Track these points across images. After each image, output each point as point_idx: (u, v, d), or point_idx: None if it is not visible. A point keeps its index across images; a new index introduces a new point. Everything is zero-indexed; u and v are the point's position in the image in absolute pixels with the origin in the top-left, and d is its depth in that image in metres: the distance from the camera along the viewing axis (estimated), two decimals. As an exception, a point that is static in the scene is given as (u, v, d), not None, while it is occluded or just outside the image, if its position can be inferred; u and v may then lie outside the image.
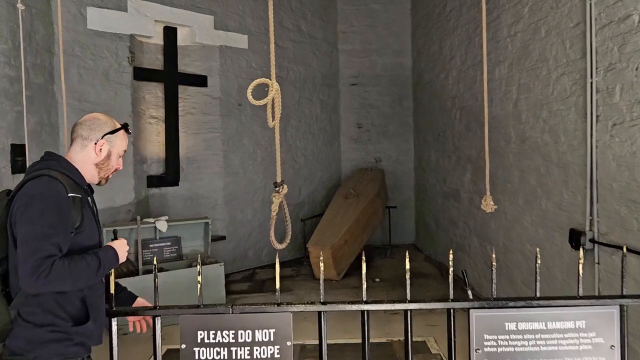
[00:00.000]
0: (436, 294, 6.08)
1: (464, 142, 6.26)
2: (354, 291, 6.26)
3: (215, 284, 5.53)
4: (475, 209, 5.90)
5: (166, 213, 7.03)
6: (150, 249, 5.67)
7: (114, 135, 2.11)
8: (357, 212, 7.15)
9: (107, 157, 2.11)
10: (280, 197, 3.03)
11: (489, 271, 5.60)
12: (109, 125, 2.11)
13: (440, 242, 7.36)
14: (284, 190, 3.05)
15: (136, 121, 6.51)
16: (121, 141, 2.16)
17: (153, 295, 2.20)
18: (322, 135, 8.67)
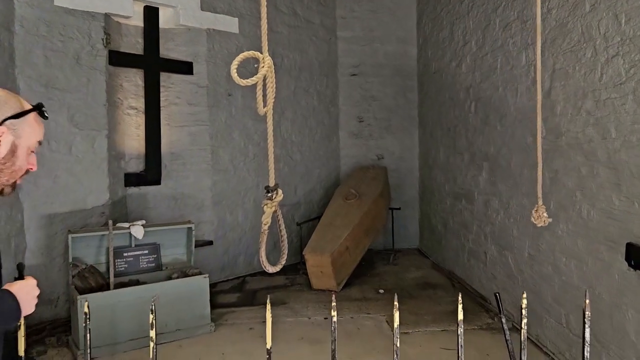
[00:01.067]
0: (447, 308, 5.42)
1: (480, 137, 5.58)
2: (356, 304, 5.58)
3: (198, 299, 4.84)
4: (494, 213, 5.23)
5: (147, 215, 6.32)
6: (125, 259, 4.96)
7: (20, 120, 1.40)
8: (359, 215, 6.47)
9: (11, 153, 1.39)
10: (273, 205, 2.35)
11: (510, 283, 4.95)
12: (12, 106, 1.39)
13: (450, 247, 6.69)
14: (278, 197, 2.35)
15: (112, 112, 5.79)
16: (32, 129, 1.44)
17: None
18: (319, 129, 7.97)
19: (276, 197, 2.35)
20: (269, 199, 2.35)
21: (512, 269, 4.85)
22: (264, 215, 2.34)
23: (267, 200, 2.34)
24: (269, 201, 2.34)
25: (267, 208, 2.34)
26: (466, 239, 6.08)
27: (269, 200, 2.34)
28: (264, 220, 2.33)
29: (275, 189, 2.37)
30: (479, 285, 5.69)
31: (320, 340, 4.61)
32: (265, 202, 2.35)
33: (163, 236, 5.21)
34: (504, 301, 5.06)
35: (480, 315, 5.14)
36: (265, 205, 2.35)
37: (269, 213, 2.34)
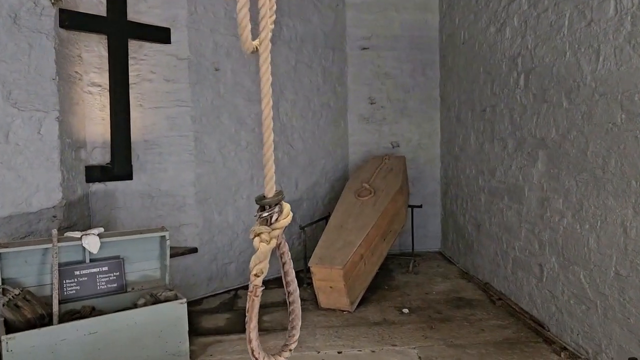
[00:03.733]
0: (494, 336, 4.25)
1: (534, 119, 4.39)
2: (377, 331, 4.41)
3: (173, 332, 3.66)
4: (556, 215, 4.06)
5: (115, 217, 5.13)
6: (76, 279, 3.77)
7: None
8: (376, 215, 5.28)
9: None
10: (273, 235, 1.16)
11: (582, 308, 3.79)
12: None
13: (485, 254, 5.52)
14: (283, 219, 1.17)
15: (67, 88, 4.57)
16: None
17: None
18: (324, 112, 6.76)
19: (280, 219, 1.18)
20: (265, 221, 1.18)
21: (585, 290, 3.68)
22: (254, 258, 1.16)
23: (262, 225, 1.16)
24: (266, 228, 1.16)
25: (263, 242, 1.15)
26: (510, 245, 4.91)
27: (264, 225, 1.17)
28: (255, 271, 1.15)
29: (277, 203, 1.18)
30: (530, 305, 4.53)
31: (335, 389, 3.44)
32: (258, 230, 1.15)
33: (128, 248, 4.02)
34: (567, 329, 3.91)
35: (540, 349, 3.97)
36: (259, 236, 1.15)
37: (265, 252, 1.15)
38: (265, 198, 1.18)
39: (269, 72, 1.14)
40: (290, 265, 1.26)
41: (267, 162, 1.17)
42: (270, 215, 1.15)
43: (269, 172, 1.18)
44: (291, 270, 1.26)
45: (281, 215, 1.16)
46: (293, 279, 1.27)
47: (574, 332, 3.85)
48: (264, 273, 1.16)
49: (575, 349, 3.82)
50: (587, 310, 3.68)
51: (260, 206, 1.19)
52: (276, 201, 1.16)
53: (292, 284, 1.26)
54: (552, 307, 4.17)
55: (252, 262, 1.13)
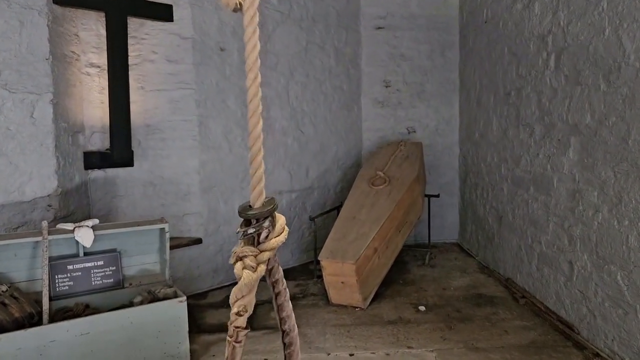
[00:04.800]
0: (519, 338, 3.94)
1: (565, 103, 4.02)
2: (392, 331, 4.11)
3: (172, 332, 3.39)
4: (590, 209, 3.70)
5: (117, 205, 4.87)
6: (69, 273, 3.52)
7: None
8: (391, 206, 4.96)
9: None
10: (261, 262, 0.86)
11: (619, 312, 3.45)
12: None
13: (507, 248, 5.18)
14: (275, 239, 0.86)
15: (63, 70, 4.29)
16: None
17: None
18: (337, 96, 6.41)
19: (271, 238, 0.87)
20: (251, 240, 0.87)
21: (622, 292, 3.34)
22: (235, 291, 0.85)
23: (247, 245, 0.85)
24: (252, 249, 0.85)
25: (247, 269, 0.83)
26: (536, 239, 4.56)
27: (250, 245, 0.86)
28: (237, 308, 0.84)
29: (267, 215, 0.87)
30: (557, 305, 4.20)
31: (346, 398, 3.16)
32: (241, 253, 0.84)
33: (126, 240, 3.76)
34: (600, 334, 3.58)
35: (571, 355, 3.65)
36: (242, 261, 0.84)
37: (250, 283, 0.84)
38: (252, 208, 0.88)
39: (256, 36, 0.83)
40: (285, 296, 0.96)
41: (254, 158, 0.87)
42: (257, 232, 0.84)
43: (257, 173, 0.88)
44: (287, 304, 0.96)
45: (273, 232, 0.85)
46: (290, 315, 0.97)
47: (608, 338, 3.52)
48: (249, 311, 0.86)
49: (609, 355, 3.50)
50: (624, 314, 3.34)
51: (245, 220, 0.88)
52: (266, 213, 0.86)
53: (289, 321, 0.96)
54: (583, 308, 3.83)
55: (232, 296, 0.83)
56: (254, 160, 0.88)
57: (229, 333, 0.88)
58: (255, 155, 0.88)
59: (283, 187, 5.83)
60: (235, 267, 0.81)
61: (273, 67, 5.63)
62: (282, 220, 0.89)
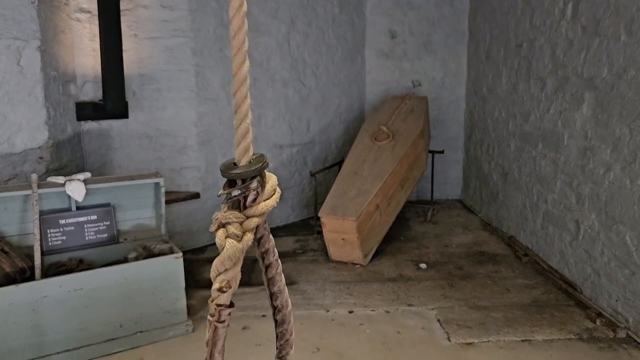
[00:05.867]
0: (521, 297, 3.88)
1: (581, 55, 3.81)
2: (392, 288, 4.05)
3: (168, 289, 3.32)
4: (601, 167, 3.56)
5: (112, 158, 4.74)
6: (62, 228, 3.42)
7: None
8: (394, 162, 4.82)
9: None
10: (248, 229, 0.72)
11: (625, 273, 3.36)
12: None
13: (511, 205, 5.07)
14: (266, 202, 0.73)
15: (51, 15, 4.05)
16: None
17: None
18: (340, 46, 6.16)
19: (259, 201, 0.73)
20: (236, 204, 0.73)
21: (630, 253, 3.25)
22: (217, 263, 0.71)
23: (231, 210, 0.72)
24: (237, 215, 0.72)
25: (231, 238, 0.70)
26: (542, 197, 4.44)
27: (234, 210, 0.73)
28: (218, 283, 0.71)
29: (255, 175, 0.74)
30: (561, 264, 4.12)
31: (345, 356, 3.12)
32: (224, 219, 0.70)
33: (120, 195, 3.64)
34: (604, 293, 3.51)
35: (573, 314, 3.59)
36: (224, 229, 0.70)
37: (233, 255, 0.69)
38: (237, 167, 0.75)
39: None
40: (277, 269, 0.83)
41: (239, 107, 0.72)
42: (244, 195, 0.71)
43: (243, 125, 0.73)
44: (279, 277, 0.84)
45: (262, 195, 0.72)
46: (282, 290, 0.84)
47: (612, 298, 3.45)
48: (234, 287, 0.73)
49: (612, 315, 3.44)
50: (630, 275, 3.25)
51: (228, 180, 0.75)
52: (254, 172, 0.72)
53: (281, 296, 0.84)
54: (587, 268, 3.75)
55: (213, 269, 0.70)
56: (238, 110, 0.74)
57: (210, 312, 0.76)
58: (240, 103, 0.73)
59: (283, 141, 5.67)
60: (217, 235, 0.68)
61: (273, 15, 5.36)
62: (273, 181, 0.76)
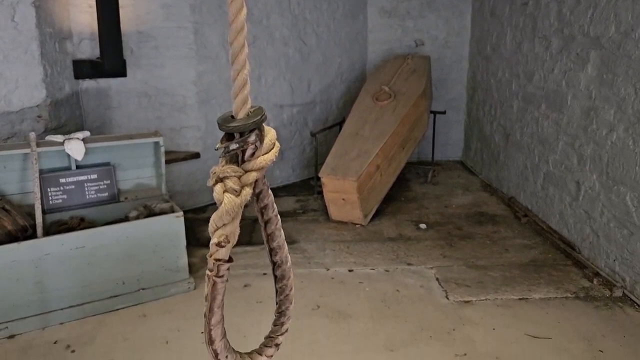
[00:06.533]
0: (519, 256, 3.92)
1: (588, 13, 3.72)
2: (391, 248, 4.09)
3: (169, 247, 3.35)
4: (604, 128, 3.54)
5: (111, 117, 4.71)
6: (62, 187, 3.42)
7: None
8: (395, 122, 4.78)
9: None
10: (246, 183, 0.71)
11: (624, 233, 3.38)
12: None
13: (512, 166, 5.06)
14: (264, 157, 0.72)
15: (43, -32, 3.94)
16: None
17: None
18: (342, 3, 6.02)
19: (258, 155, 0.72)
20: (234, 158, 0.72)
21: (630, 213, 3.26)
22: (215, 218, 0.71)
23: (229, 164, 0.71)
24: (235, 169, 0.70)
25: (229, 192, 0.68)
26: (543, 158, 4.43)
27: (232, 164, 0.71)
28: (217, 237, 0.70)
29: (253, 128, 0.72)
30: (560, 225, 4.14)
31: (345, 313, 3.17)
32: (222, 173, 0.69)
33: (120, 154, 3.62)
34: (602, 253, 3.54)
35: (570, 273, 3.64)
36: (222, 184, 0.69)
37: (232, 209, 0.68)
38: (234, 120, 0.73)
39: None
40: (276, 224, 0.83)
41: (237, 57, 0.70)
42: (241, 149, 0.70)
43: (240, 76, 0.71)
44: (278, 233, 0.83)
45: (260, 149, 0.70)
46: (281, 245, 0.84)
47: (610, 258, 3.49)
48: (232, 241, 0.73)
49: (609, 274, 3.48)
50: (629, 235, 3.27)
51: (226, 133, 0.73)
52: (252, 125, 0.71)
53: (280, 252, 0.84)
54: (586, 228, 3.77)
55: (211, 224, 0.70)
56: (235, 60, 0.72)
57: (208, 267, 0.76)
58: (237, 52, 0.71)
59: (284, 100, 5.61)
60: (215, 189, 0.67)
61: (273, -30, 5.22)
62: (272, 135, 0.74)
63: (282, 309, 0.88)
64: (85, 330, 3.02)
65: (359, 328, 3.01)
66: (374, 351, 2.77)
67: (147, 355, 2.76)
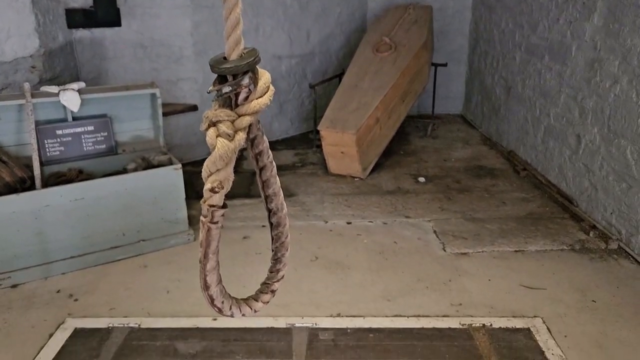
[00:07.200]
0: (516, 209, 3.94)
1: (596, -41, 3.59)
2: (390, 201, 4.11)
3: (169, 199, 3.36)
4: (607, 80, 3.48)
5: (106, 68, 4.63)
6: (59, 139, 3.40)
7: None
8: (396, 74, 4.71)
9: None
10: (240, 128, 0.70)
11: (619, 186, 3.39)
12: None
13: (513, 119, 5.02)
14: (258, 100, 0.70)
15: None
16: None
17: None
18: (341, -50, 5.81)
19: (252, 99, 0.70)
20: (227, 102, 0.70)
21: (630, 167, 3.25)
22: (208, 163, 0.70)
23: (221, 111, 0.69)
24: (228, 113, 0.68)
25: (222, 137, 0.67)
26: (544, 111, 4.38)
27: (225, 108, 0.69)
28: (210, 183, 0.69)
29: (247, 70, 0.69)
30: (559, 178, 4.14)
31: (343, 264, 3.22)
32: (215, 117, 0.67)
33: (116, 105, 3.58)
34: (600, 207, 3.56)
35: (567, 226, 3.67)
36: (215, 128, 0.68)
37: (225, 154, 0.67)
38: (227, 61, 0.70)
39: None
40: (272, 171, 0.82)
41: None
42: (235, 92, 0.67)
43: (233, 14, 0.68)
44: (274, 180, 0.82)
45: (254, 92, 0.68)
46: (277, 192, 0.83)
47: (607, 211, 3.51)
48: (226, 187, 0.72)
49: (606, 227, 3.51)
50: (628, 188, 3.28)
51: (218, 76, 0.71)
52: (245, 67, 0.68)
53: (276, 199, 0.83)
54: (585, 181, 3.78)
55: (205, 169, 0.69)
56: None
57: (202, 213, 0.75)
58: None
59: (282, 51, 5.50)
60: (208, 134, 0.65)
61: None
62: (266, 78, 0.72)
63: (278, 255, 0.88)
64: (87, 280, 3.06)
65: (356, 279, 3.06)
66: (371, 301, 2.83)
67: (149, 304, 2.82)
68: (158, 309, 2.77)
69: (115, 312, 2.75)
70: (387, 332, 2.56)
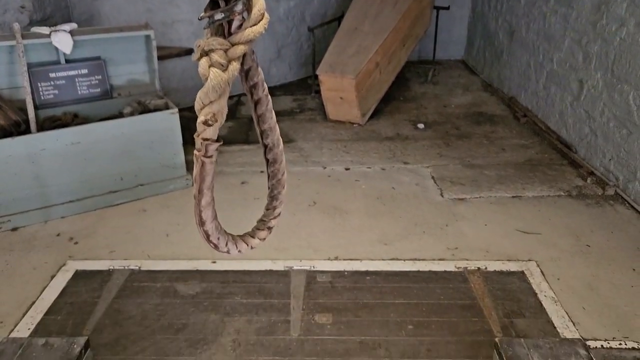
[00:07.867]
0: (515, 156, 3.93)
1: None
2: (388, 147, 4.09)
3: (166, 143, 3.34)
4: (613, 23, 3.39)
5: (99, 9, 4.49)
6: (52, 81, 3.33)
7: None
8: (396, 17, 4.58)
9: None
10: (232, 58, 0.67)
11: (623, 132, 3.36)
12: None
13: (515, 65, 4.93)
14: (252, 29, 0.67)
15: None
16: None
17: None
18: None
19: (245, 26, 0.67)
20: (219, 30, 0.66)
21: (631, 113, 3.21)
22: (201, 95, 0.68)
23: (213, 39, 0.66)
24: (221, 41, 0.66)
25: (215, 67, 0.65)
26: (547, 56, 4.29)
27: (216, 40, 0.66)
28: (204, 115, 0.68)
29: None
30: (559, 125, 4.11)
31: (341, 209, 3.24)
32: (207, 46, 0.65)
33: (110, 48, 3.49)
34: (599, 153, 3.55)
35: (565, 172, 3.67)
36: (208, 57, 0.65)
37: (218, 85, 0.65)
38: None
39: None
40: (267, 105, 0.79)
41: None
42: (228, 19, 0.64)
43: None
44: (269, 114, 0.80)
45: (248, 20, 0.65)
46: (273, 127, 0.81)
47: (606, 157, 3.50)
48: (220, 120, 0.70)
49: (603, 174, 3.51)
50: (628, 135, 3.26)
51: (211, 2, 0.67)
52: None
53: (272, 134, 0.81)
54: (585, 128, 3.75)
55: (197, 101, 0.67)
56: None
57: (196, 147, 0.73)
58: None
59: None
60: (200, 64, 0.62)
61: None
62: (261, 5, 0.68)
63: (274, 193, 0.87)
64: (86, 224, 3.08)
65: (354, 223, 3.08)
66: (368, 245, 2.86)
67: (149, 247, 2.85)
68: (158, 251, 2.80)
69: (115, 254, 2.78)
70: (384, 274, 2.60)
